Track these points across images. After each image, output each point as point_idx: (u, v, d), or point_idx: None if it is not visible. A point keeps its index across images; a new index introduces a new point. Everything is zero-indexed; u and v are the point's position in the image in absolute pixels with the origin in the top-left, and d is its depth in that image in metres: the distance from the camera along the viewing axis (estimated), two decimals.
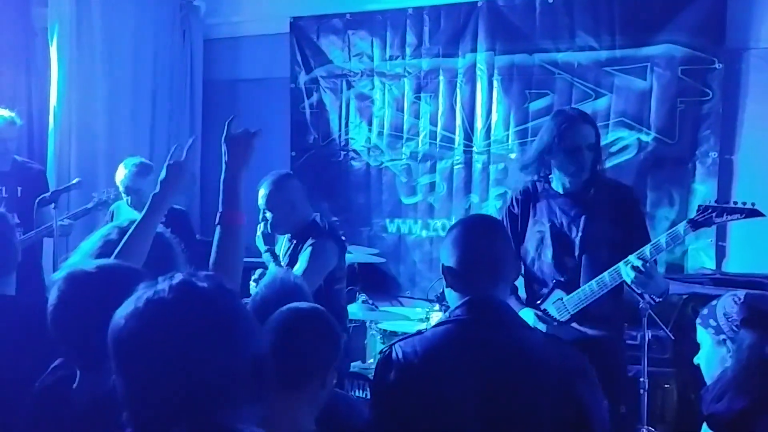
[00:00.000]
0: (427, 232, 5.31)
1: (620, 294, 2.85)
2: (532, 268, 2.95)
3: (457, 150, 5.18)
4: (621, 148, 4.62)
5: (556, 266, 2.87)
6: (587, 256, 2.83)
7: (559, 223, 2.88)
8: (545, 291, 2.90)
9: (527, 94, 4.92)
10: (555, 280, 2.87)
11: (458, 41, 5.10)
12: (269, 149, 5.11)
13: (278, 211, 3.20)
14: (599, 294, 2.76)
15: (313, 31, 5.64)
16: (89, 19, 5.11)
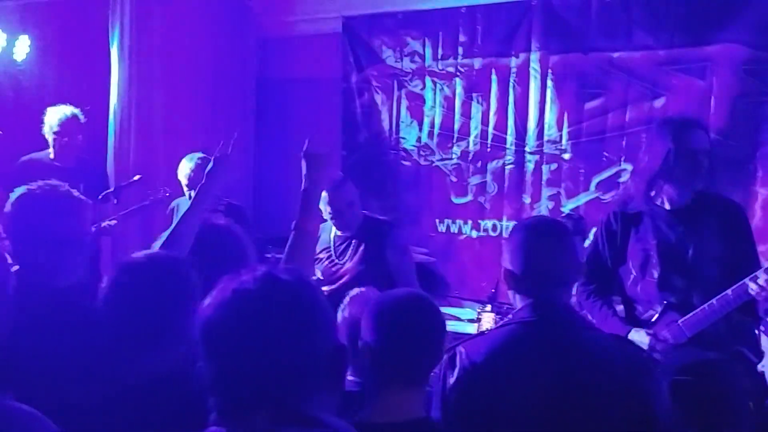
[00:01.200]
0: (477, 232, 5.29)
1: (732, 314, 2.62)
2: (635, 288, 2.74)
3: (508, 150, 5.15)
4: None
5: (664, 286, 2.66)
6: (699, 275, 2.63)
7: (666, 240, 2.67)
8: (651, 312, 2.70)
9: (582, 94, 4.86)
10: (666, 301, 2.66)
11: (511, 40, 5.07)
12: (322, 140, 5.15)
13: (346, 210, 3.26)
14: (720, 314, 2.55)
15: (365, 30, 5.67)
16: (148, 18, 5.23)
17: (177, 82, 5.46)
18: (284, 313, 1.15)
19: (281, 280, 1.19)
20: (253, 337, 1.13)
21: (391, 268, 3.33)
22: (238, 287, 1.17)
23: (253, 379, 1.13)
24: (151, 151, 5.25)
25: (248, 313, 1.15)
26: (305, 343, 1.15)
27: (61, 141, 4.22)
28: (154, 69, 5.30)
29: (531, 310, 1.83)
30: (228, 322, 1.15)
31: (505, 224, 5.18)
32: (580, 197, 4.92)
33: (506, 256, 1.91)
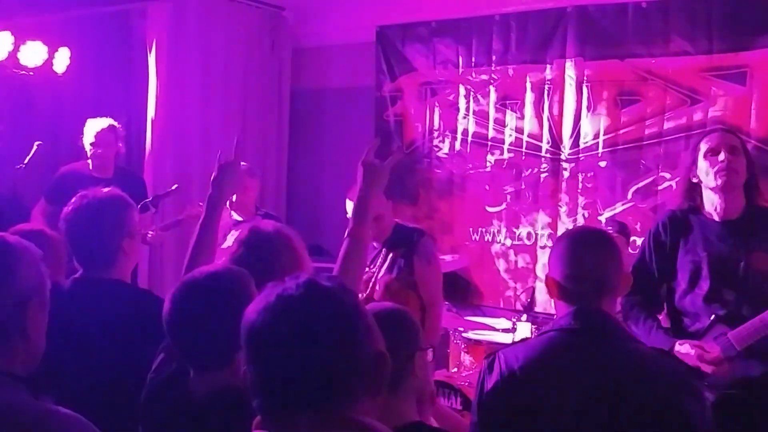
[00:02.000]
0: (512, 240, 5.25)
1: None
2: (683, 300, 2.70)
3: (543, 158, 5.10)
4: None
5: (713, 299, 2.61)
6: (750, 287, 2.59)
7: (717, 253, 2.63)
8: (699, 325, 2.65)
9: (618, 101, 4.80)
10: (714, 314, 2.61)
11: (546, 47, 5.03)
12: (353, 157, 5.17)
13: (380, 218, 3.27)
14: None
15: (398, 39, 5.68)
16: (184, 29, 5.31)
17: (212, 92, 5.53)
18: (327, 318, 1.17)
19: (324, 286, 1.21)
20: (295, 342, 1.15)
21: (417, 276, 3.34)
22: (282, 293, 1.19)
23: (295, 383, 1.15)
24: (187, 161, 5.32)
25: (291, 318, 1.16)
26: (347, 349, 1.17)
27: (98, 152, 4.30)
28: (190, 79, 5.38)
29: (572, 317, 1.83)
30: (271, 326, 1.17)
31: (540, 232, 5.13)
32: (617, 205, 4.86)
33: (550, 263, 1.92)
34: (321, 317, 1.17)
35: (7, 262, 1.32)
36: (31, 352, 1.36)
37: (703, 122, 4.49)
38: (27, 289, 1.33)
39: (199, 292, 1.65)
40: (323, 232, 5.76)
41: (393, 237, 3.36)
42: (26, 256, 1.36)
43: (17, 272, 1.32)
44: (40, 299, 1.37)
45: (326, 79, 6.12)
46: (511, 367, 1.81)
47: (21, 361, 1.33)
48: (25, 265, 1.34)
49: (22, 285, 1.32)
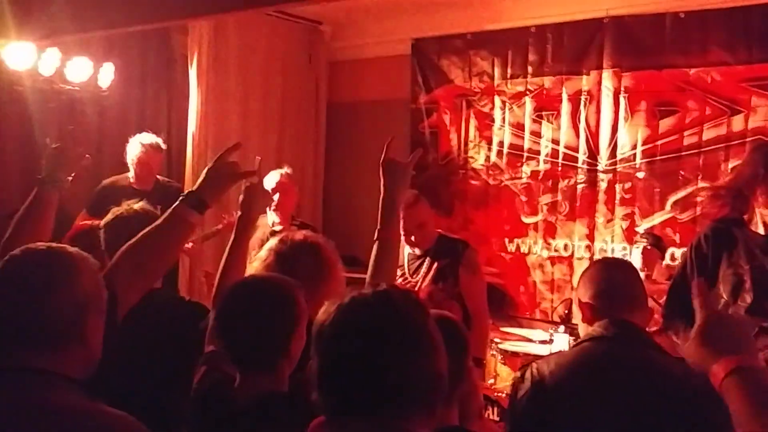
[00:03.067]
0: (549, 252, 5.23)
1: None
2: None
3: (580, 169, 5.08)
4: None
5: (756, 311, 2.56)
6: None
7: (761, 266, 2.58)
8: None
9: (656, 111, 4.77)
10: (760, 326, 2.55)
11: (582, 58, 5.02)
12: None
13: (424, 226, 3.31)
14: None
15: (434, 51, 5.72)
16: (225, 45, 5.42)
17: (251, 105, 5.64)
18: (392, 327, 1.19)
19: (398, 297, 1.23)
20: (357, 343, 1.18)
21: (462, 287, 3.34)
22: (357, 295, 1.23)
23: (350, 382, 1.17)
24: None
25: (358, 319, 1.20)
26: (406, 362, 1.17)
27: (140, 166, 4.40)
28: (230, 93, 5.48)
29: (604, 327, 1.86)
30: (338, 323, 1.20)
31: (577, 244, 5.11)
32: (656, 217, 4.82)
33: (580, 291, 1.98)
34: (387, 324, 1.19)
35: (67, 271, 1.38)
36: (88, 357, 1.41)
37: (743, 133, 4.45)
38: (85, 296, 1.38)
39: (249, 296, 1.70)
40: (359, 242, 5.75)
41: (437, 247, 3.37)
42: (84, 266, 1.42)
43: (76, 280, 1.38)
44: (97, 306, 1.42)
45: (362, 91, 6.19)
46: (543, 377, 1.84)
47: (78, 366, 1.38)
48: (84, 274, 1.40)
49: (81, 293, 1.38)
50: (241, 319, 1.68)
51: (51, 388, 1.32)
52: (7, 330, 1.34)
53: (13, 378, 1.31)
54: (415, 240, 3.31)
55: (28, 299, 1.34)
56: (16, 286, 1.35)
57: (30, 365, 1.32)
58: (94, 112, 4.99)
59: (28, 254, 1.39)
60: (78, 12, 3.54)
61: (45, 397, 1.30)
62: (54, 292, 1.35)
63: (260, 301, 1.69)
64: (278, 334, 1.69)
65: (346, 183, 6.18)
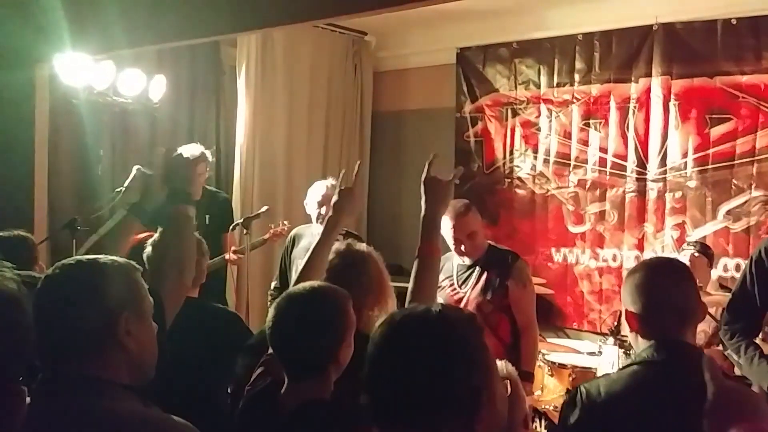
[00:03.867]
0: (597, 262, 5.15)
1: None
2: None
3: (629, 177, 5.01)
4: None
5: None
6: None
7: None
8: None
9: (707, 119, 4.67)
10: None
11: (631, 66, 4.95)
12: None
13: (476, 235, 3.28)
14: None
15: (479, 60, 5.71)
16: (272, 56, 5.50)
17: (297, 115, 5.70)
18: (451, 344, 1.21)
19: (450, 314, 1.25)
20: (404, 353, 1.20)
21: (511, 299, 3.31)
22: (411, 311, 1.26)
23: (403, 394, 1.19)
24: (273, 184, 5.48)
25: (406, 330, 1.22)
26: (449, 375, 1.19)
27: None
28: (277, 103, 5.56)
29: (655, 349, 1.78)
30: (389, 334, 1.23)
31: (625, 254, 5.02)
32: (707, 226, 4.71)
33: (626, 298, 1.87)
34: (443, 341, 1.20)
35: (95, 281, 1.40)
36: (135, 362, 1.42)
37: None
38: (117, 301, 1.40)
39: (300, 304, 1.74)
40: (403, 251, 5.79)
41: (487, 257, 3.33)
42: (115, 272, 1.43)
43: (106, 286, 1.40)
44: (135, 311, 1.43)
45: (407, 100, 6.21)
46: (593, 402, 1.78)
47: (125, 371, 1.40)
48: (114, 279, 1.42)
49: (112, 298, 1.40)
50: (292, 326, 1.72)
51: (105, 394, 1.34)
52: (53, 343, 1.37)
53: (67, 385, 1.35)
54: (464, 249, 3.28)
55: (61, 310, 1.37)
56: (50, 298, 1.39)
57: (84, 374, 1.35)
58: (146, 123, 5.10)
59: (59, 269, 1.43)
60: (131, 27, 3.64)
61: (100, 403, 1.33)
62: (83, 302, 1.38)
63: (311, 310, 1.72)
64: (327, 344, 1.72)
65: (390, 192, 6.20)
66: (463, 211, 3.25)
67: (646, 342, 1.82)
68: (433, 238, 2.05)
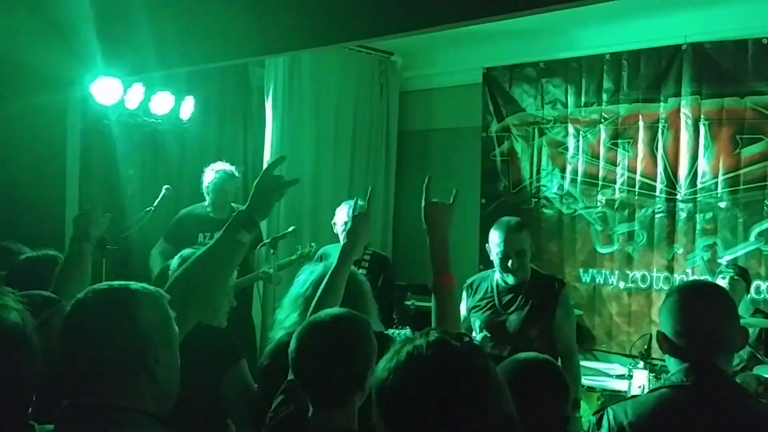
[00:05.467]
0: (625, 283, 5.09)
1: None
2: None
3: (658, 198, 4.95)
4: None
5: None
6: None
7: None
8: None
9: (738, 140, 4.61)
10: None
11: (660, 85, 4.91)
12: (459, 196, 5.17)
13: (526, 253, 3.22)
14: None
15: (505, 80, 5.70)
16: (299, 76, 5.54)
17: (324, 135, 5.73)
18: (457, 380, 1.18)
19: (453, 345, 1.22)
20: (425, 403, 1.17)
21: (555, 326, 3.24)
22: (412, 351, 1.21)
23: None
24: (299, 203, 5.50)
25: (421, 378, 1.19)
26: (476, 410, 1.17)
27: (215, 194, 4.51)
28: (304, 123, 5.60)
29: (686, 373, 1.76)
30: (402, 386, 1.20)
31: (655, 275, 4.95)
32: (739, 248, 4.63)
33: (661, 319, 1.86)
34: (451, 378, 1.18)
35: (128, 308, 1.40)
36: (162, 390, 1.42)
37: None
38: (149, 330, 1.40)
39: (323, 332, 1.73)
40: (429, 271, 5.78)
41: (532, 282, 3.25)
42: (147, 300, 1.44)
43: (138, 315, 1.40)
44: (164, 340, 1.44)
45: (433, 120, 6.22)
46: (621, 424, 1.76)
47: (152, 400, 1.40)
48: (145, 308, 1.42)
49: (144, 327, 1.39)
50: (317, 355, 1.71)
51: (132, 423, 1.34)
52: (81, 370, 1.37)
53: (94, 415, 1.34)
54: (511, 266, 3.19)
55: (93, 338, 1.37)
56: (81, 326, 1.39)
57: (110, 403, 1.35)
58: (175, 143, 5.16)
59: (91, 294, 1.42)
60: (162, 49, 3.70)
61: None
62: (115, 329, 1.37)
63: (336, 338, 1.71)
64: (353, 372, 1.70)
65: (417, 211, 6.16)
66: (516, 227, 3.21)
67: (678, 365, 1.80)
68: (444, 269, 2.05)
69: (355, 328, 1.75)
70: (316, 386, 1.71)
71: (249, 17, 3.38)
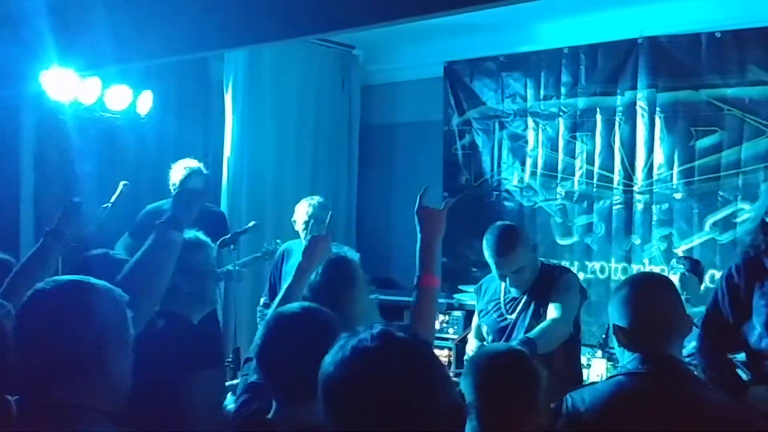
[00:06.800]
0: (585, 274, 5.17)
1: None
2: (759, 344, 2.55)
3: (616, 190, 5.03)
4: None
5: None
6: None
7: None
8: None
9: (693, 132, 4.71)
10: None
11: (617, 79, 4.99)
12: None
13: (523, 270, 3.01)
14: None
15: (466, 74, 5.73)
16: (260, 70, 5.49)
17: (285, 130, 5.69)
18: (402, 371, 1.19)
19: (397, 337, 1.24)
20: (371, 393, 1.18)
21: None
22: (357, 345, 1.23)
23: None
24: (261, 198, 5.46)
25: (366, 370, 1.20)
26: (422, 401, 1.18)
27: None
28: (265, 118, 5.55)
29: (640, 361, 1.82)
30: (348, 378, 1.21)
31: (613, 266, 5.05)
32: (694, 238, 4.74)
33: (613, 313, 1.91)
34: (396, 370, 1.19)
35: (85, 304, 1.39)
36: (114, 387, 1.41)
37: None
38: (104, 327, 1.39)
39: (288, 326, 1.73)
40: (393, 265, 5.80)
41: (536, 281, 3.07)
42: (104, 297, 1.43)
43: (95, 310, 1.39)
44: (119, 337, 1.43)
45: (395, 114, 6.22)
46: (578, 411, 1.80)
47: (104, 396, 1.39)
48: (102, 304, 1.41)
49: (99, 323, 1.39)
50: (278, 351, 1.70)
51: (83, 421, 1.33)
52: (34, 363, 1.35)
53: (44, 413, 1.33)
54: (510, 283, 3.06)
55: (49, 327, 1.35)
56: (38, 315, 1.37)
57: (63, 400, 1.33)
58: (133, 138, 5.08)
59: (51, 285, 1.41)
60: (119, 43, 3.63)
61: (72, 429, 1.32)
62: (72, 320, 1.36)
63: (298, 333, 1.70)
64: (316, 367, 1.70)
65: (379, 206, 6.20)
66: (504, 250, 2.98)
67: (632, 354, 1.85)
68: (431, 268, 2.06)
69: (322, 321, 1.74)
70: (281, 381, 1.70)
71: (208, 10, 3.33)
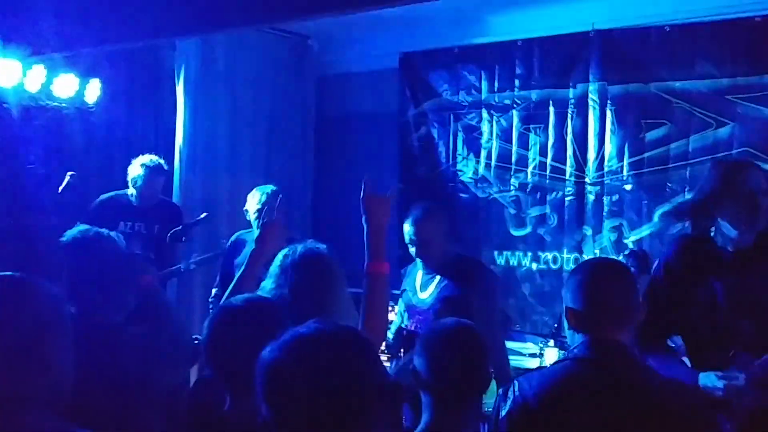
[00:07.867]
0: (538, 264, 5.24)
1: None
2: (700, 331, 2.59)
3: (568, 181, 5.11)
4: None
5: (730, 329, 2.50)
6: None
7: (732, 284, 2.52)
8: (720, 355, 2.50)
9: (642, 124, 4.80)
10: (733, 344, 2.49)
11: (569, 71, 5.06)
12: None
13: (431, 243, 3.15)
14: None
15: (421, 65, 5.74)
16: (213, 59, 5.41)
17: (239, 120, 5.62)
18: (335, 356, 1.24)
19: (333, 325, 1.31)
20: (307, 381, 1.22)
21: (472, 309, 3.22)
22: (294, 332, 1.28)
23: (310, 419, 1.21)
24: (215, 189, 5.39)
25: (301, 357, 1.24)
26: (358, 382, 1.23)
27: (144, 188, 4.35)
28: (218, 108, 5.47)
29: (588, 347, 1.83)
30: (283, 366, 1.25)
31: (566, 256, 5.12)
32: (644, 229, 4.84)
33: (567, 295, 1.92)
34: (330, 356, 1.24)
35: (20, 298, 1.40)
36: (56, 380, 1.41)
37: (729, 144, 4.48)
38: (41, 321, 1.39)
39: (235, 318, 1.72)
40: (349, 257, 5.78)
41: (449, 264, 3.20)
42: (40, 291, 1.43)
43: (37, 301, 1.40)
44: (58, 330, 1.42)
45: (351, 105, 6.19)
46: (525, 396, 1.82)
47: (46, 389, 1.38)
48: (38, 299, 1.41)
49: (37, 317, 1.38)
50: (225, 345, 1.69)
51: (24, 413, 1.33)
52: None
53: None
54: (422, 253, 3.18)
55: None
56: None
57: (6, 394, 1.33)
58: (81, 128, 4.96)
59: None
60: (65, 29, 3.52)
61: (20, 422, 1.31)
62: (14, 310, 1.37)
63: (243, 326, 1.70)
64: None
65: (335, 197, 6.17)
66: (421, 217, 3.15)
67: (581, 338, 1.87)
68: (379, 255, 2.09)
69: (261, 313, 1.74)
70: (227, 376, 1.69)
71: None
